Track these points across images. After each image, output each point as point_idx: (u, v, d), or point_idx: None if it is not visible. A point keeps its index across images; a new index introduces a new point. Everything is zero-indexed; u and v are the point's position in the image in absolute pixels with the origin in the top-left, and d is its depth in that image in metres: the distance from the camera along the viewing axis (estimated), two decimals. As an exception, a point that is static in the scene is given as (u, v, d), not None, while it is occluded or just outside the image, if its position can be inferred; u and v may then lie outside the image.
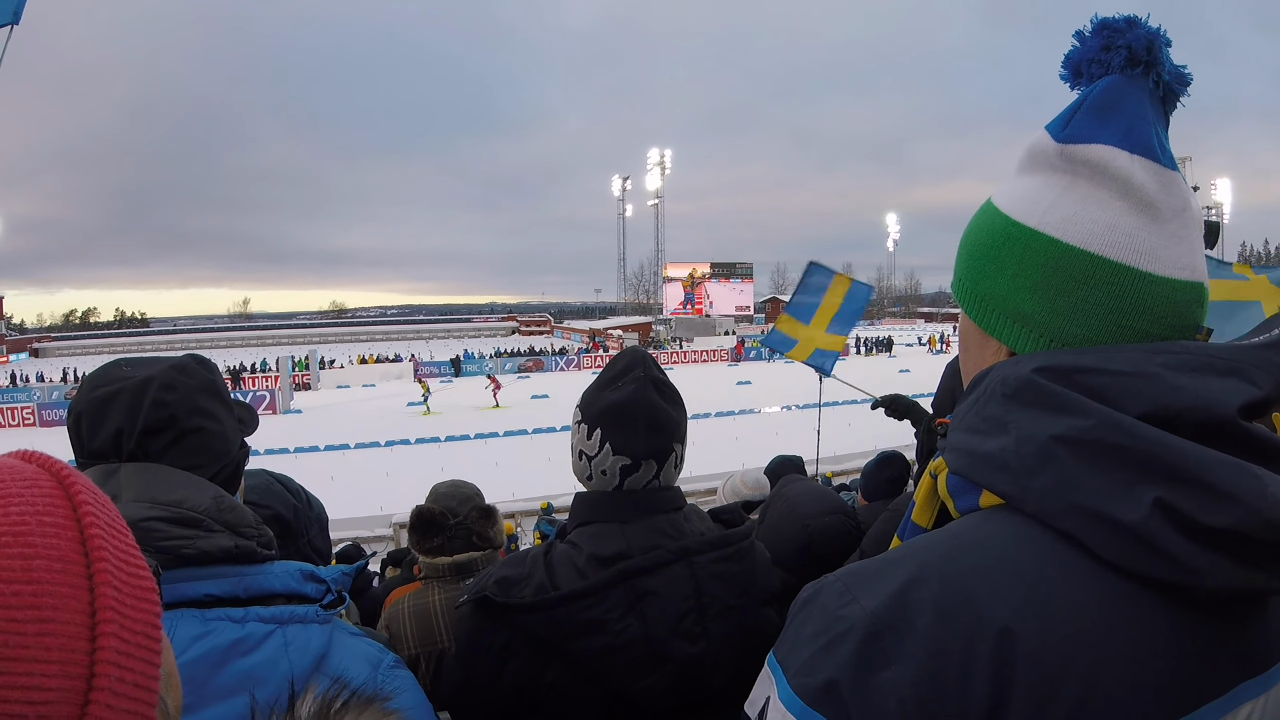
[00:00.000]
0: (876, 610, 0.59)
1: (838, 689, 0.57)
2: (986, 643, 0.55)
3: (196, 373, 1.08)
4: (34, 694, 0.38)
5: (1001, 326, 0.70)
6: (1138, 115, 0.66)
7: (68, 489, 0.45)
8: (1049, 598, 0.57)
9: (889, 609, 0.58)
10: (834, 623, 0.60)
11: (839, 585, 0.63)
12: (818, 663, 0.59)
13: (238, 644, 0.88)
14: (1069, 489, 0.58)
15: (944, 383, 2.28)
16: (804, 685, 0.59)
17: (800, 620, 0.64)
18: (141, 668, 0.43)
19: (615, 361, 1.36)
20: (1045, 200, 0.68)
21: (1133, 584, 0.57)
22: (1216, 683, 0.58)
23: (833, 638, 0.59)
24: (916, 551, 0.63)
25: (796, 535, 1.98)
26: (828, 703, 0.57)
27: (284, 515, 1.54)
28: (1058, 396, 0.61)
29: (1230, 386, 0.59)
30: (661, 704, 1.21)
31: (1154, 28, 0.68)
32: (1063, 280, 0.66)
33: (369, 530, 10.85)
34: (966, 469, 0.67)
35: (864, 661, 0.57)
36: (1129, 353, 0.62)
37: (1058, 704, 0.54)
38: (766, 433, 17.29)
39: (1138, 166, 0.65)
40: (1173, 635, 0.57)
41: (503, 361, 44.95)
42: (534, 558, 1.25)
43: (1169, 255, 0.65)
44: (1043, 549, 0.59)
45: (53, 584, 0.40)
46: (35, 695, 0.38)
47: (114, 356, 1.12)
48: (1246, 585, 0.55)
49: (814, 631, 0.61)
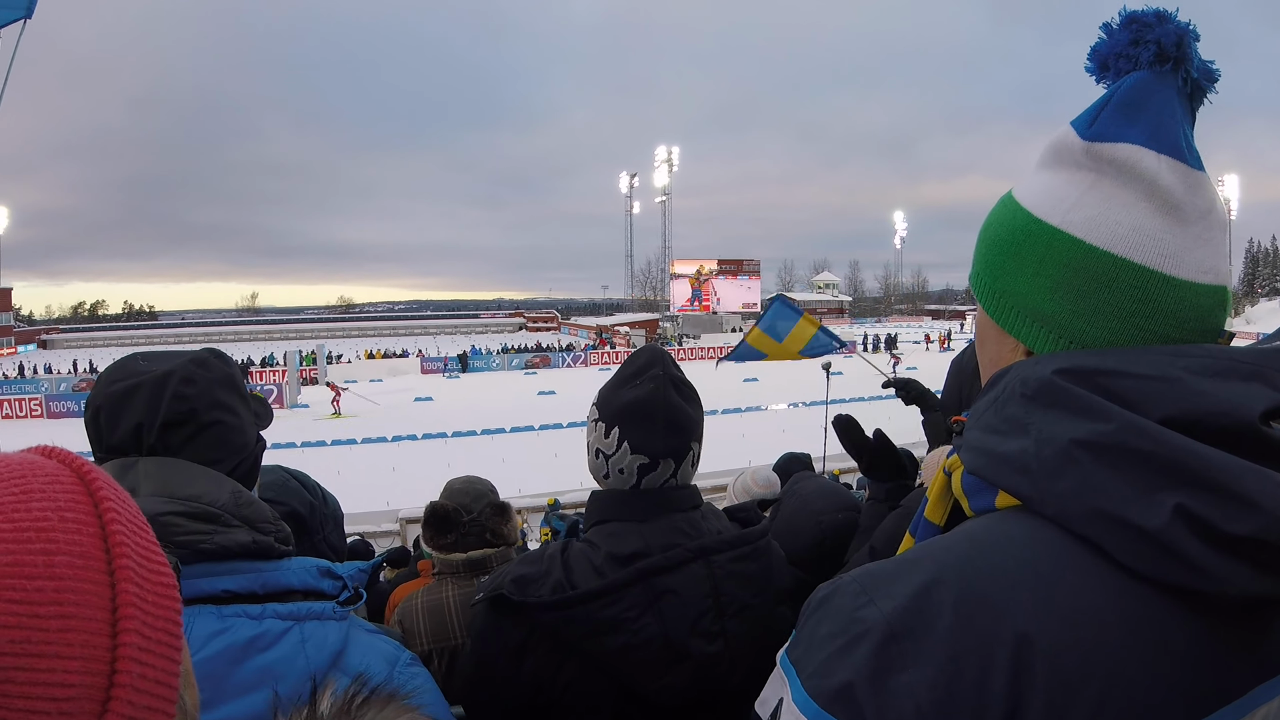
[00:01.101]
0: (894, 613, 0.58)
1: (853, 692, 0.56)
2: (1005, 647, 0.55)
3: (215, 367, 1.08)
4: (56, 690, 0.37)
5: (1020, 325, 0.69)
6: (1166, 114, 0.65)
7: (89, 485, 0.45)
8: (1068, 602, 0.56)
9: (907, 611, 0.58)
10: (851, 624, 0.59)
11: (855, 586, 0.62)
12: (834, 665, 0.58)
13: (255, 640, 0.88)
14: (1090, 493, 0.57)
15: (950, 381, 2.24)
16: (819, 688, 0.58)
17: (815, 621, 0.63)
18: (162, 664, 0.43)
19: (633, 359, 1.36)
20: (1069, 198, 0.67)
21: (1151, 589, 0.56)
22: (1234, 686, 0.57)
23: (849, 640, 0.58)
24: (934, 553, 0.62)
25: (810, 531, 1.97)
26: (843, 706, 0.56)
27: (300, 512, 1.55)
28: (1079, 399, 0.60)
29: (1253, 391, 0.58)
30: (679, 702, 1.21)
31: (1184, 23, 0.66)
32: (1084, 281, 0.65)
33: (375, 526, 10.87)
34: (984, 469, 0.66)
35: (881, 665, 0.56)
36: (1151, 355, 0.61)
37: (1076, 709, 0.54)
38: (773, 430, 17.26)
39: (1165, 167, 0.64)
40: (1191, 640, 0.56)
41: (510, 358, 45.03)
42: (550, 556, 1.25)
43: (1193, 258, 0.63)
44: (1061, 553, 0.58)
45: (75, 580, 0.40)
46: (58, 691, 0.37)
47: (122, 349, 1.13)
48: (1267, 592, 0.54)
49: (830, 633, 0.60)
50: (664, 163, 71.90)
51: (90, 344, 68.73)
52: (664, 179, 72.22)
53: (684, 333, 60.96)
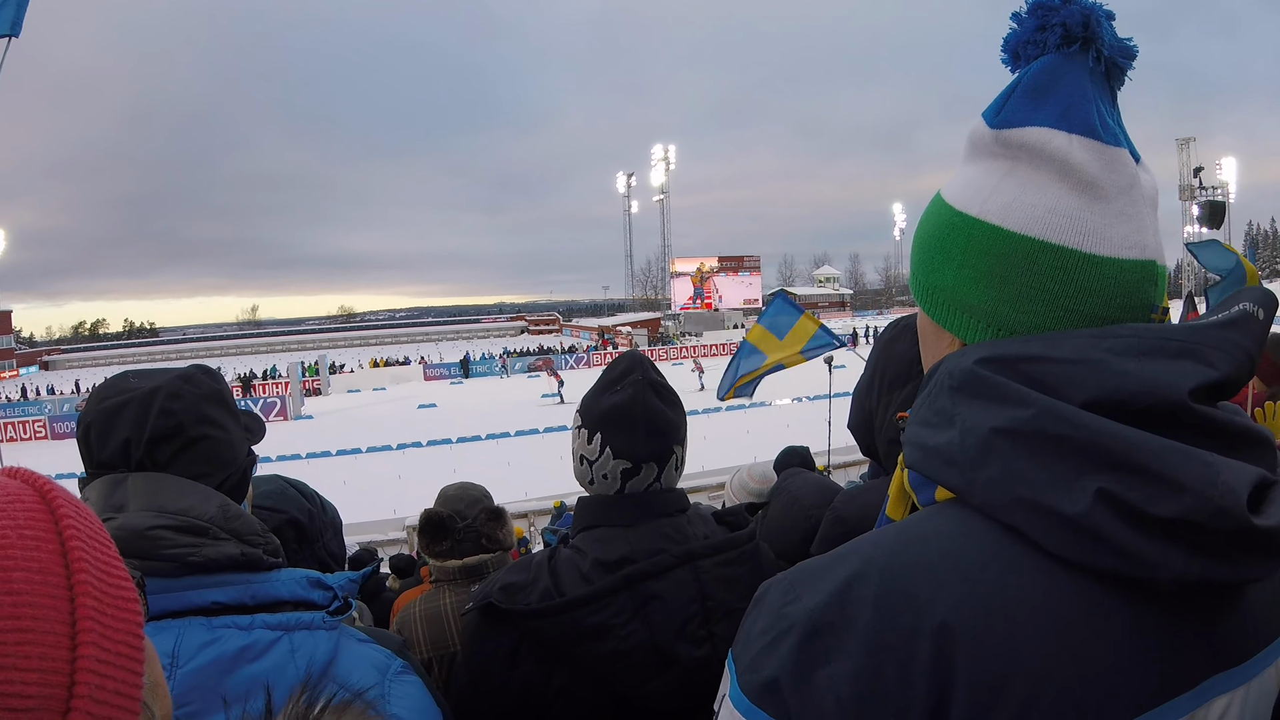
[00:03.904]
0: (816, 608, 0.58)
1: (779, 686, 0.57)
2: (925, 639, 0.54)
3: (203, 382, 1.09)
4: (15, 700, 0.39)
5: (952, 318, 0.69)
6: (1076, 94, 0.65)
7: (50, 503, 0.46)
8: (991, 593, 0.55)
9: (828, 606, 0.58)
10: (777, 620, 0.60)
11: (785, 583, 0.63)
12: (762, 660, 0.59)
13: (245, 651, 0.89)
14: (1012, 481, 0.57)
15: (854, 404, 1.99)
16: (749, 683, 0.59)
17: (752, 618, 0.64)
18: (123, 675, 0.44)
19: (613, 366, 1.37)
20: (986, 188, 0.67)
21: (1085, 578, 0.55)
22: (1183, 676, 0.57)
23: (776, 635, 0.59)
24: (862, 548, 0.62)
25: (801, 527, 1.98)
26: (770, 701, 0.57)
27: (299, 519, 1.56)
28: (999, 387, 0.60)
29: (1182, 369, 0.57)
30: (668, 707, 1.22)
31: (1092, 2, 0.66)
32: (1006, 267, 0.65)
33: (382, 534, 10.92)
34: (919, 463, 0.66)
35: (803, 659, 0.57)
36: (1075, 339, 0.61)
37: (1004, 702, 0.53)
38: (778, 425, 17.25)
39: (1076, 146, 0.63)
40: (1131, 629, 0.55)
41: (513, 361, 45.07)
42: (538, 563, 1.26)
43: (1115, 234, 0.63)
44: (989, 544, 0.58)
45: (32, 595, 0.41)
46: (16, 702, 0.39)
47: (124, 368, 1.14)
48: (1206, 576, 0.53)
49: (761, 629, 0.61)
50: (661, 161, 71.84)
51: (93, 363, 68.95)
52: (661, 178, 72.17)
53: (686, 330, 60.98)
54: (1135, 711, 0.55)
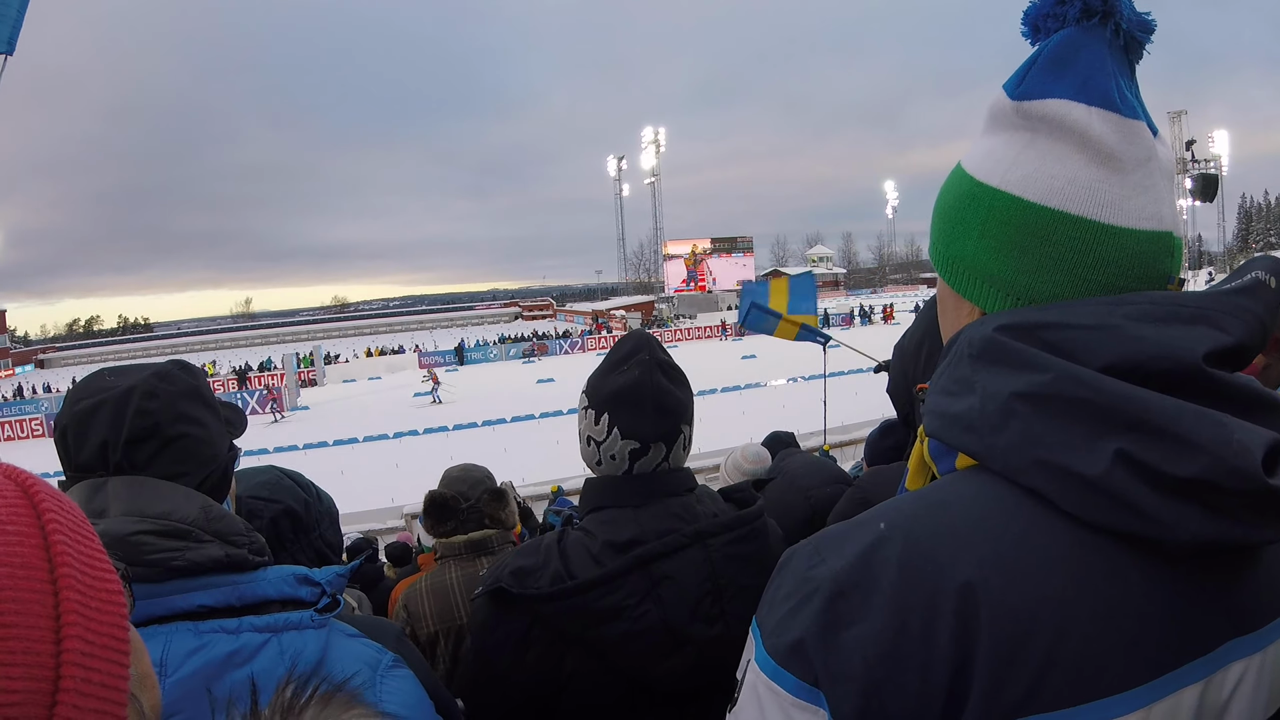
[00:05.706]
0: (841, 570, 0.60)
1: (804, 648, 0.59)
2: (949, 599, 0.56)
3: (179, 379, 1.06)
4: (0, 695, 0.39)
5: (972, 287, 0.71)
6: (1095, 67, 0.65)
7: (32, 498, 0.46)
8: (1014, 553, 0.57)
9: (853, 568, 0.60)
10: (803, 584, 0.62)
11: (810, 548, 0.65)
12: (788, 623, 0.61)
13: (233, 655, 0.87)
14: (1032, 444, 0.58)
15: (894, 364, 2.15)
16: (775, 645, 0.61)
17: (776, 584, 0.66)
18: (108, 668, 0.45)
19: (620, 345, 1.36)
20: (1006, 159, 0.68)
21: (1105, 539, 0.57)
22: (1201, 639, 0.58)
23: (801, 598, 0.61)
24: (886, 513, 0.63)
25: (800, 507, 1.99)
26: (796, 662, 0.59)
27: (295, 510, 1.55)
28: (1018, 353, 0.61)
29: (1196, 334, 0.58)
30: (681, 687, 1.22)
31: None
32: (1026, 237, 0.66)
33: (381, 522, 10.93)
34: (939, 431, 0.67)
35: (829, 620, 0.58)
36: (1091, 306, 0.62)
37: (1025, 659, 0.54)
38: (773, 406, 17.35)
39: (1096, 118, 0.64)
40: (1150, 590, 0.57)
41: (508, 347, 45.02)
42: (548, 546, 1.25)
43: (1133, 206, 0.64)
44: (1010, 506, 0.59)
45: (14, 589, 0.41)
46: (1, 697, 0.39)
47: (120, 363, 1.12)
48: (1221, 537, 0.54)
49: (786, 593, 0.63)
50: (651, 144, 71.60)
51: (88, 360, 68.56)
52: (651, 160, 71.93)
53: (680, 313, 61.00)
54: (1155, 671, 0.56)
